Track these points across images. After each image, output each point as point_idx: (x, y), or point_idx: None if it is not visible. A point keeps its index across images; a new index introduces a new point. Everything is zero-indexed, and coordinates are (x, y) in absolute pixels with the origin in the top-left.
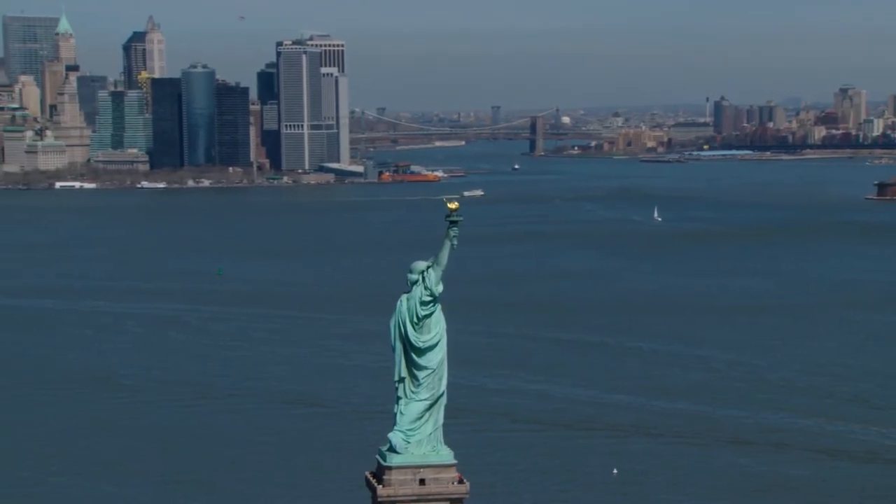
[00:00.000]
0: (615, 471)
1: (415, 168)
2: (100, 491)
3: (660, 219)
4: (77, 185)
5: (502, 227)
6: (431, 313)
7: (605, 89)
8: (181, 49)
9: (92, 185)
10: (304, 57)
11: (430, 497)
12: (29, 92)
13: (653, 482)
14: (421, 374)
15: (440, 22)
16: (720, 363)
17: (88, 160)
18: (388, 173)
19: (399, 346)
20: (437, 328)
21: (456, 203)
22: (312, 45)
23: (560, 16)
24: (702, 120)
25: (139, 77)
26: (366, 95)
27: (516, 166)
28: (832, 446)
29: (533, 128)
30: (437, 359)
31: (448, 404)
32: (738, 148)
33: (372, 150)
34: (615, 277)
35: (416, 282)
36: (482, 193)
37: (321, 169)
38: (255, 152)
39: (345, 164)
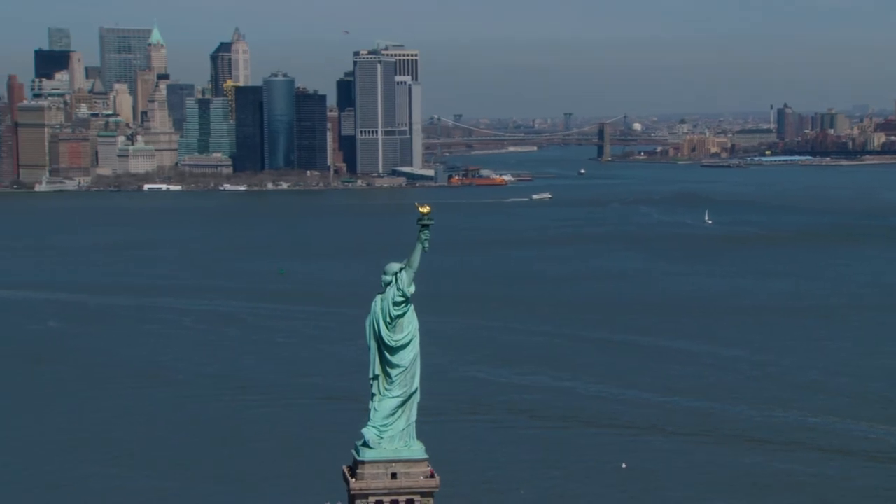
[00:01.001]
0: (624, 465)
1: (484, 172)
2: (133, 482)
3: (710, 222)
4: (164, 187)
5: (559, 229)
6: (404, 313)
7: (680, 97)
8: (265, 58)
9: (177, 188)
10: (378, 66)
11: (401, 490)
12: (122, 99)
13: (659, 477)
14: (394, 372)
15: (519, 32)
16: (745, 363)
17: (176, 164)
18: (457, 177)
19: (373, 345)
20: (409, 328)
21: (427, 207)
22: (387, 55)
23: (638, 26)
24: (766, 126)
25: (225, 85)
26: (445, 102)
27: (582, 171)
28: (844, 445)
29: (601, 134)
30: (409, 357)
31: (472, 400)
32: (799, 154)
33: (448, 154)
34: (658, 279)
35: (389, 283)
36: (550, 196)
37: (394, 172)
38: (332, 156)
39: (416, 168)
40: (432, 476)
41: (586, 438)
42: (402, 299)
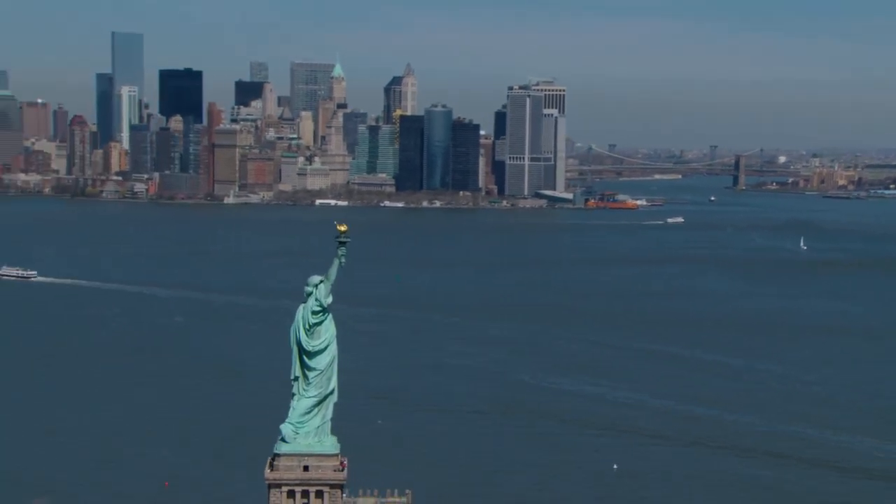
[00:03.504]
0: (615, 466)
1: (620, 196)
2: (167, 465)
3: (805, 248)
4: (332, 202)
5: (672, 249)
6: (321, 322)
7: (823, 133)
8: (432, 90)
9: (344, 203)
10: (528, 100)
11: (311, 482)
12: (305, 125)
13: (645, 479)
14: (311, 374)
15: (672, 70)
16: (777, 378)
17: (347, 182)
18: (593, 200)
19: (295, 349)
20: (326, 335)
21: (345, 226)
22: (536, 89)
23: (786, 67)
24: (895, 162)
25: (395, 114)
26: (602, 133)
27: (712, 198)
28: (839, 459)
29: (736, 165)
30: (325, 361)
31: (506, 402)
32: None
33: (598, 180)
34: (735, 298)
35: (310, 293)
36: (683, 220)
37: (537, 195)
38: (484, 179)
39: (557, 192)
40: (343, 469)
41: (592, 441)
42: (319, 309)
